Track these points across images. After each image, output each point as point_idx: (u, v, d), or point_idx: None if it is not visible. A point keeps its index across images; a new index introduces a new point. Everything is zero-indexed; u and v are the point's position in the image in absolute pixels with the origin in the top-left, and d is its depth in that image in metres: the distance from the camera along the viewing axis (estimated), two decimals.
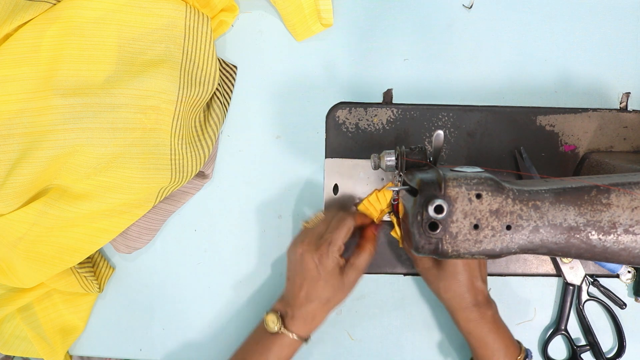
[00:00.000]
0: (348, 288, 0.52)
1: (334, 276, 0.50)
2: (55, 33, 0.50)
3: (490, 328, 0.51)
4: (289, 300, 0.52)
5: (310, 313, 0.51)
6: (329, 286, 0.50)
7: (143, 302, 0.61)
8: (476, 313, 0.51)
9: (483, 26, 0.61)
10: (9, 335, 0.58)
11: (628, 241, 0.40)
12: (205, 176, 0.60)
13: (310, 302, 0.50)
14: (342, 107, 0.57)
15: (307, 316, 0.51)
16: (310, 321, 0.51)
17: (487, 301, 0.52)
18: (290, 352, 0.51)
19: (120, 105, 0.50)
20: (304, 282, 0.50)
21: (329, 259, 0.50)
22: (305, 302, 0.50)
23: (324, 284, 0.50)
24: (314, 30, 0.59)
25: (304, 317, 0.51)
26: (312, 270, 0.50)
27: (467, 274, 0.51)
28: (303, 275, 0.51)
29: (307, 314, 0.51)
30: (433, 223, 0.40)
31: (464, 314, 0.51)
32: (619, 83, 0.61)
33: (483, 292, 0.51)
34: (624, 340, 0.57)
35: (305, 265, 0.50)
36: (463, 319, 0.51)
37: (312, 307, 0.50)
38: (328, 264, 0.50)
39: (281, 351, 0.50)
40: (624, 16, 0.61)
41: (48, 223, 0.51)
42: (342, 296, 0.52)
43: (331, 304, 0.51)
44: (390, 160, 0.48)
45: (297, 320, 0.50)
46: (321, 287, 0.50)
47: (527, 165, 0.56)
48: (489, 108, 0.57)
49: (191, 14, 0.54)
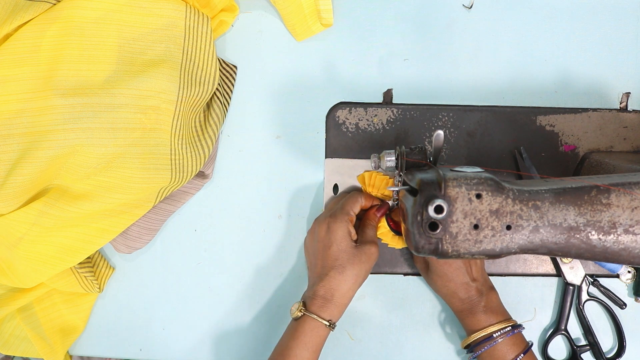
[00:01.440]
0: (367, 260, 0.50)
1: (345, 241, 0.50)
2: (55, 33, 0.50)
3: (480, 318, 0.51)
4: (310, 284, 0.52)
5: (328, 288, 0.49)
6: (342, 252, 0.50)
7: (143, 302, 0.61)
8: (467, 305, 0.52)
9: (483, 26, 0.61)
10: (9, 335, 0.58)
11: (628, 241, 0.40)
12: (205, 176, 0.60)
13: (326, 275, 0.50)
14: (342, 107, 0.57)
15: (326, 293, 0.49)
16: (330, 298, 0.49)
17: (479, 293, 0.52)
18: (315, 337, 0.49)
19: (120, 105, 0.50)
20: (318, 255, 0.51)
21: (337, 222, 0.51)
22: (323, 276, 0.50)
23: (336, 248, 0.50)
24: (314, 30, 0.59)
25: (324, 295, 0.49)
26: (323, 238, 0.51)
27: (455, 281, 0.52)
28: (316, 248, 0.51)
29: (326, 290, 0.49)
30: (433, 223, 0.40)
31: (455, 306, 0.53)
32: (619, 83, 0.61)
33: (475, 287, 0.52)
34: (624, 340, 0.57)
35: (318, 235, 0.52)
36: (456, 310, 0.53)
37: (329, 281, 0.49)
38: (337, 228, 0.51)
39: (306, 337, 0.48)
40: (624, 16, 0.61)
41: (48, 223, 0.51)
42: (361, 267, 0.50)
43: (349, 275, 0.49)
44: (390, 160, 0.48)
45: (317, 299, 0.49)
46: (334, 253, 0.50)
47: (527, 165, 0.56)
48: (489, 108, 0.57)
49: (191, 14, 0.54)
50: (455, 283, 0.52)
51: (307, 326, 0.49)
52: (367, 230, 0.53)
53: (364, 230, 0.53)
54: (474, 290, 0.52)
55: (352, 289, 0.50)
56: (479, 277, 0.52)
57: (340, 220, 0.51)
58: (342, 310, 0.50)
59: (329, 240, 0.51)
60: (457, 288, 0.52)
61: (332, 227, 0.51)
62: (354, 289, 0.50)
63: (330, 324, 0.49)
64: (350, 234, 0.52)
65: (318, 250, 0.52)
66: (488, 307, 0.51)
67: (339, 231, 0.51)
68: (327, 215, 0.53)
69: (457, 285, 0.52)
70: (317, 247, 0.52)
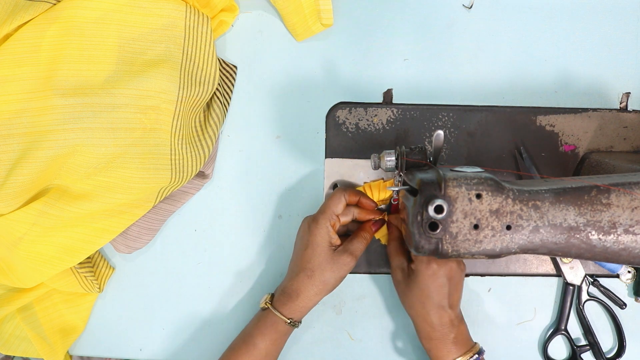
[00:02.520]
0: (338, 270, 0.50)
1: (322, 246, 0.50)
2: (55, 33, 0.50)
3: (450, 349, 0.50)
4: (285, 278, 0.53)
5: (295, 288, 0.50)
6: (316, 256, 0.50)
7: (143, 302, 0.61)
8: (438, 333, 0.50)
9: (483, 26, 0.61)
10: (9, 335, 0.58)
11: (628, 241, 0.40)
12: (205, 176, 0.60)
13: (296, 275, 0.50)
14: (342, 107, 0.57)
15: (292, 291, 0.50)
16: (295, 298, 0.50)
17: (452, 324, 0.50)
18: (275, 331, 0.50)
19: (120, 105, 0.50)
20: (296, 253, 0.52)
21: (318, 225, 0.50)
22: (294, 275, 0.51)
23: (311, 252, 0.50)
24: (314, 30, 0.59)
25: (289, 293, 0.50)
26: (302, 238, 0.51)
27: (433, 300, 0.49)
28: (296, 246, 0.52)
29: (292, 288, 0.50)
30: (433, 223, 0.40)
31: (425, 331, 0.50)
32: (619, 83, 0.61)
33: (449, 315, 0.50)
34: (624, 340, 0.57)
35: (300, 234, 0.52)
36: (424, 336, 0.51)
37: (297, 281, 0.50)
38: (317, 231, 0.50)
39: (267, 329, 0.50)
40: (624, 16, 0.61)
41: (48, 223, 0.51)
42: (331, 275, 0.50)
43: (317, 280, 0.50)
44: (390, 160, 0.48)
45: (283, 296, 0.51)
46: (308, 256, 0.50)
47: (527, 165, 0.56)
48: (489, 108, 0.57)
49: (191, 14, 0.54)
50: (433, 303, 0.49)
51: (269, 319, 0.51)
52: (355, 242, 0.52)
53: (352, 240, 0.52)
54: (447, 320, 0.49)
55: (318, 294, 0.50)
56: (456, 307, 0.50)
57: (321, 224, 0.50)
58: (304, 312, 0.51)
59: (306, 241, 0.51)
60: (432, 310, 0.49)
61: (312, 229, 0.50)
62: (320, 294, 0.51)
63: (292, 322, 0.51)
64: (330, 239, 0.50)
65: (297, 249, 0.53)
66: (457, 340, 0.50)
67: (317, 235, 0.50)
68: (312, 216, 0.52)
69: (432, 306, 0.49)
70: (297, 245, 0.53)
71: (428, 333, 0.50)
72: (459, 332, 0.50)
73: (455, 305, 0.50)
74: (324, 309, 0.60)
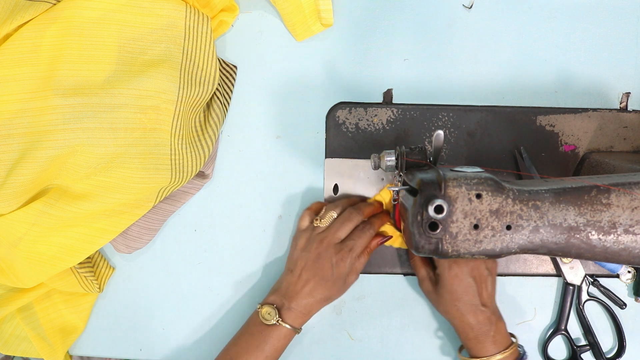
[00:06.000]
0: (346, 288, 0.54)
1: (342, 279, 0.52)
2: (55, 33, 0.50)
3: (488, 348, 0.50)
4: (286, 292, 0.52)
5: (307, 307, 0.52)
6: (335, 288, 0.52)
7: (143, 302, 0.61)
8: (477, 332, 0.51)
9: (483, 26, 0.61)
10: (9, 335, 0.58)
11: (628, 241, 0.40)
12: (205, 176, 0.60)
13: (311, 298, 0.51)
14: (342, 107, 0.57)
15: (304, 310, 0.52)
16: (306, 314, 0.52)
17: (489, 322, 0.50)
18: (286, 343, 0.52)
19: (120, 105, 0.50)
20: (312, 280, 0.51)
21: (347, 265, 0.52)
22: (307, 297, 0.51)
23: (331, 285, 0.52)
24: (314, 30, 0.59)
25: (301, 310, 0.52)
26: (326, 271, 0.51)
27: (464, 301, 0.50)
28: (314, 273, 0.51)
29: (304, 307, 0.52)
30: (433, 223, 0.40)
31: (464, 332, 0.52)
32: (619, 83, 0.61)
33: (484, 313, 0.50)
34: (624, 340, 0.57)
35: (321, 264, 0.51)
36: (464, 337, 0.52)
37: (311, 302, 0.52)
38: (344, 269, 0.52)
39: (277, 342, 0.51)
40: (624, 16, 0.61)
41: (48, 223, 0.51)
42: (339, 295, 0.54)
43: (328, 302, 0.53)
44: (390, 160, 0.48)
45: (294, 312, 0.51)
46: (328, 288, 0.52)
47: (527, 165, 0.56)
48: (489, 108, 0.57)
49: (191, 14, 0.54)
50: (465, 304, 0.50)
51: (280, 333, 0.51)
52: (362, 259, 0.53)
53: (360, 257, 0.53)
54: (483, 318, 0.50)
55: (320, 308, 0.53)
56: (490, 304, 0.51)
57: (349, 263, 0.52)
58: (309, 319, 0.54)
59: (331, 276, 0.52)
60: (467, 311, 0.50)
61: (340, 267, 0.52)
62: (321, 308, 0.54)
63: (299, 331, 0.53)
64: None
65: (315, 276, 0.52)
66: (496, 338, 0.50)
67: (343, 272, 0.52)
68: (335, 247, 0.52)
69: (466, 307, 0.50)
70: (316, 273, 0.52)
71: (467, 334, 0.51)
72: (497, 330, 0.51)
73: (488, 302, 0.51)
74: (324, 309, 0.60)
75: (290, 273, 0.53)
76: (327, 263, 0.51)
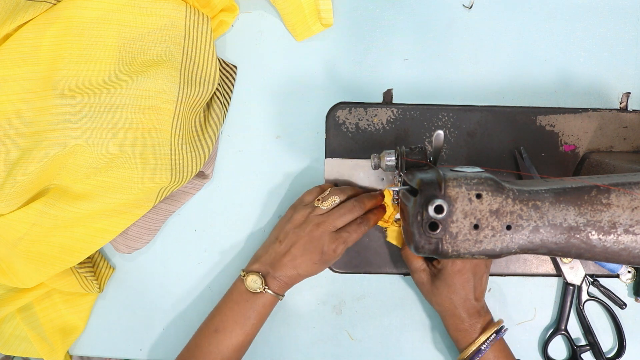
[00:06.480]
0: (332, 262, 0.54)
1: (327, 264, 0.53)
2: (55, 33, 0.50)
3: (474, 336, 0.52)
4: (272, 261, 0.53)
5: (291, 279, 0.53)
6: (319, 269, 0.53)
7: (143, 302, 0.61)
8: (466, 324, 0.52)
9: (483, 26, 0.61)
10: (9, 335, 0.58)
11: (628, 241, 0.40)
12: (205, 176, 0.60)
13: (295, 271, 0.52)
14: (342, 107, 0.57)
15: (288, 280, 0.53)
16: (289, 284, 0.53)
17: (479, 315, 0.52)
18: (270, 309, 0.53)
19: (120, 105, 0.50)
20: (299, 257, 0.52)
21: (336, 254, 0.53)
22: (292, 270, 0.52)
23: (317, 267, 0.53)
24: (314, 30, 0.59)
25: (285, 281, 0.53)
26: (316, 254, 0.52)
27: (460, 294, 0.52)
28: (303, 252, 0.52)
29: (288, 279, 0.53)
30: (433, 223, 0.40)
31: (454, 325, 0.53)
32: (619, 83, 0.61)
33: (476, 307, 0.52)
34: (624, 340, 0.57)
35: (312, 247, 0.52)
36: (453, 328, 0.53)
37: (294, 275, 0.53)
38: (332, 257, 0.53)
39: (263, 309, 0.52)
40: (624, 16, 0.61)
41: (48, 223, 0.51)
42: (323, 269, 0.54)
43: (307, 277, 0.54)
44: (390, 160, 0.48)
45: (278, 281, 0.52)
46: (314, 269, 0.53)
47: (527, 165, 0.56)
48: (489, 108, 0.57)
49: (191, 14, 0.54)
50: (460, 297, 0.52)
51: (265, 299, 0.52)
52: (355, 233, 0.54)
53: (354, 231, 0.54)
54: (474, 311, 0.52)
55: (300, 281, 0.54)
56: (481, 299, 0.53)
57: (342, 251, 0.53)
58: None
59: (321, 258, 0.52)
60: (460, 304, 0.52)
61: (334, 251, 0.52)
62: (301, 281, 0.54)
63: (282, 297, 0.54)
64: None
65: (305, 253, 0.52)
66: (485, 328, 0.52)
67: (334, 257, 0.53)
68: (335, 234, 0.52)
69: (460, 300, 0.52)
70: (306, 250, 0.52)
71: (457, 325, 0.53)
72: (485, 321, 0.53)
73: (481, 297, 0.53)
74: (324, 309, 0.60)
75: (278, 243, 0.53)
76: (318, 247, 0.52)
